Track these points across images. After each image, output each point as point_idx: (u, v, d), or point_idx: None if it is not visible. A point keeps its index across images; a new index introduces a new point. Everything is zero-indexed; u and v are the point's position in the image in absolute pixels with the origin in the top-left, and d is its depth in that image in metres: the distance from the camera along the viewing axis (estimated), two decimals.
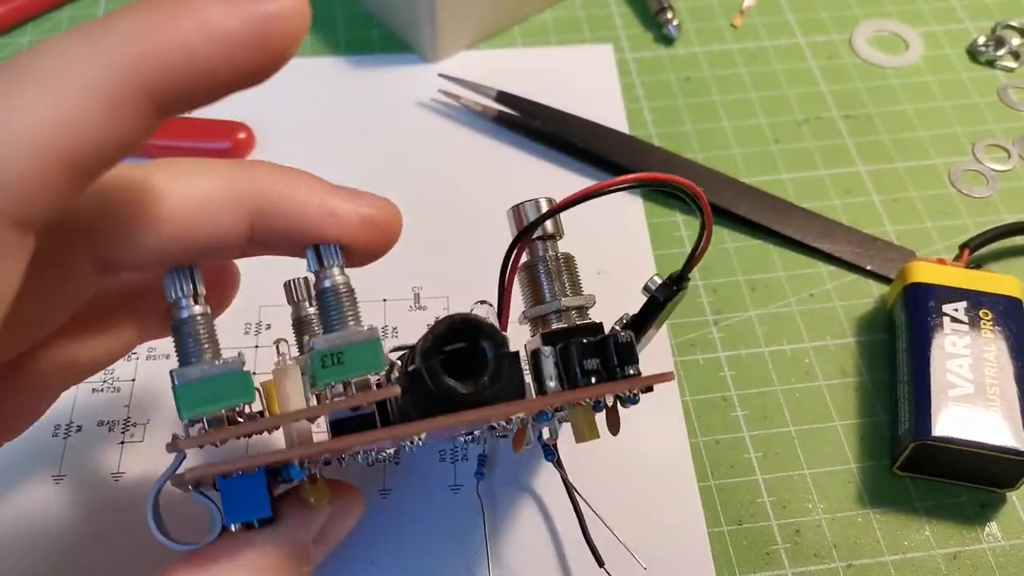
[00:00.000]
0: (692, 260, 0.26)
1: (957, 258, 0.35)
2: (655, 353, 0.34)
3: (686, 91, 0.42)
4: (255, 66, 0.17)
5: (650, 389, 0.24)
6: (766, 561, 0.30)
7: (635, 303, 0.35)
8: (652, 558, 0.29)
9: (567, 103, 0.41)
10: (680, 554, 0.29)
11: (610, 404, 0.24)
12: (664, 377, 0.23)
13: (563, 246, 0.37)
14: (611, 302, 0.34)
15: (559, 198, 0.39)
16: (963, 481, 0.31)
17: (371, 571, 0.29)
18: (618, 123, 0.41)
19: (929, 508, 0.31)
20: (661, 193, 0.39)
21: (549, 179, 0.39)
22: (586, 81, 0.43)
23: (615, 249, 0.37)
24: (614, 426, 0.25)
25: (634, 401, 0.24)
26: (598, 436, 0.24)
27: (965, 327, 0.32)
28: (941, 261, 0.34)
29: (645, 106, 0.42)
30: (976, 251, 0.36)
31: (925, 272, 0.33)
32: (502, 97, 0.41)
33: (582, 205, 0.38)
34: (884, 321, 0.35)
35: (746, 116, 0.41)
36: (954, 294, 0.33)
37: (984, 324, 0.32)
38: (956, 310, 0.32)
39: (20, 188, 0.15)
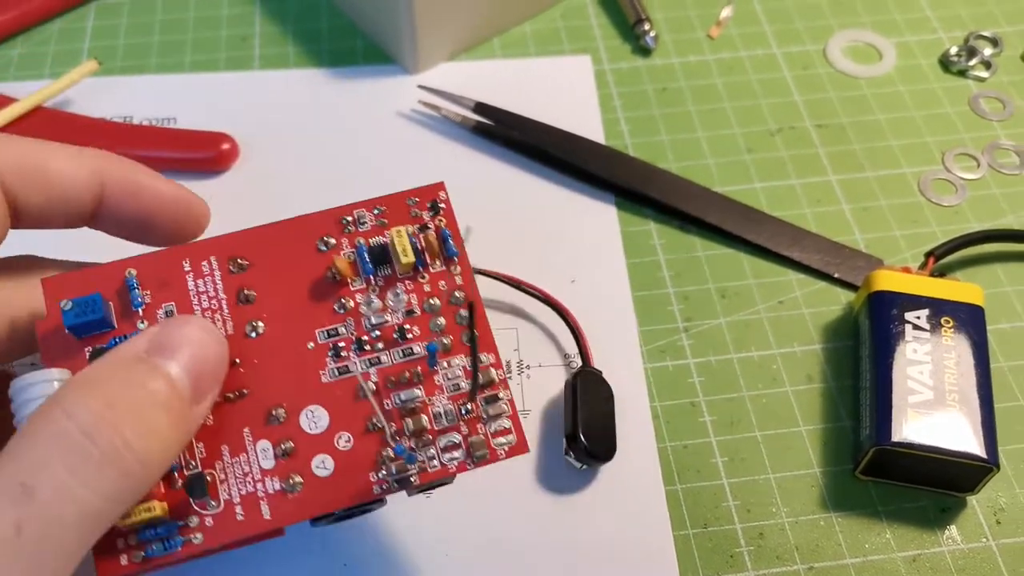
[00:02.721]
0: None
1: (923, 266, 0.36)
2: (626, 360, 0.35)
3: (662, 101, 0.43)
4: None
5: None
6: (730, 564, 0.30)
7: (607, 310, 0.36)
8: (617, 559, 0.30)
9: (545, 114, 0.42)
10: (645, 556, 0.30)
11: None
12: None
13: (537, 253, 0.38)
14: (584, 310, 0.35)
15: (537, 205, 0.40)
16: (924, 485, 0.32)
17: (343, 573, 0.30)
18: (595, 133, 0.42)
19: (890, 512, 0.32)
20: (635, 202, 0.39)
21: (526, 188, 0.40)
22: (564, 92, 0.44)
23: (589, 258, 0.38)
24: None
25: None
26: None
27: (927, 334, 0.33)
28: (906, 269, 0.35)
29: (622, 116, 0.43)
30: (942, 259, 0.36)
31: (889, 280, 0.34)
32: (480, 108, 0.42)
33: (557, 213, 0.39)
34: (850, 328, 0.36)
35: (720, 126, 0.42)
36: (917, 302, 0.33)
37: (945, 331, 0.33)
38: (918, 317, 0.33)
39: None
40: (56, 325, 0.23)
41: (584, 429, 0.31)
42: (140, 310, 0.24)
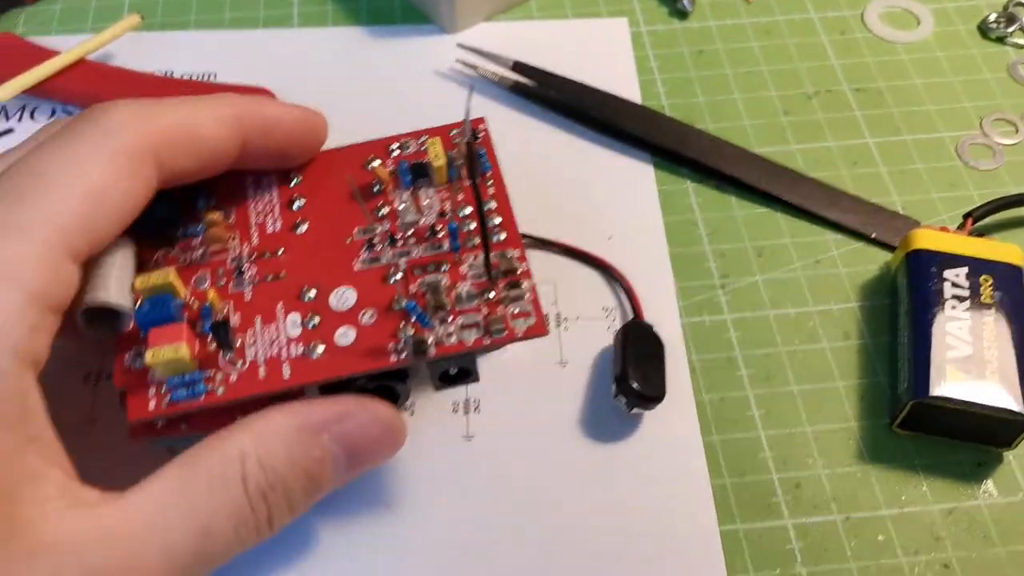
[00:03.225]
0: None
1: (960, 227, 0.36)
2: (664, 315, 0.35)
3: (699, 64, 0.43)
4: None
5: None
6: (767, 512, 0.31)
7: (644, 267, 0.36)
8: (657, 506, 0.30)
9: (582, 75, 0.42)
10: (684, 502, 0.31)
11: None
12: None
13: (574, 210, 0.38)
14: (621, 265, 0.36)
15: (574, 164, 0.41)
16: (961, 440, 0.32)
17: (386, 515, 0.30)
18: (631, 94, 0.42)
19: (927, 465, 0.32)
20: (672, 162, 0.40)
21: (563, 147, 0.40)
22: (601, 53, 0.44)
23: (626, 215, 0.38)
24: None
25: None
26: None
27: (965, 292, 0.33)
28: (944, 229, 0.35)
29: (658, 78, 0.43)
30: (979, 221, 0.36)
31: (928, 239, 0.34)
32: (518, 67, 0.42)
33: (594, 172, 0.39)
34: (887, 287, 0.36)
35: (757, 89, 0.42)
36: (955, 261, 0.33)
37: (984, 290, 0.33)
38: (957, 276, 0.33)
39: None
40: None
41: (635, 371, 0.31)
42: (203, 211, 0.28)
